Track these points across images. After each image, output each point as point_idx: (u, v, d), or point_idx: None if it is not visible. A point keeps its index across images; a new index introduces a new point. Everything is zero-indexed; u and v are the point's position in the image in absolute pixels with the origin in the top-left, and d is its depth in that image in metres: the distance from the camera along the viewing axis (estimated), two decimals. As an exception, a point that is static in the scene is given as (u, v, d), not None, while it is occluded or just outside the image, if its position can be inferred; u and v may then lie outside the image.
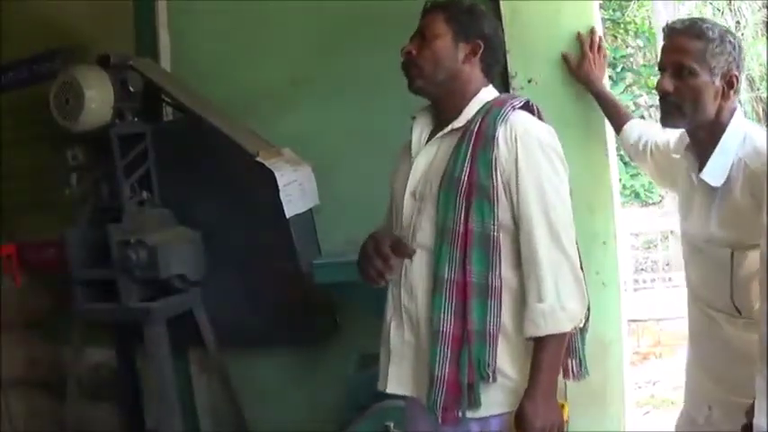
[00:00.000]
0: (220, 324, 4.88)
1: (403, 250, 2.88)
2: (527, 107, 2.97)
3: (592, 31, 3.95)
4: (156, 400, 4.83)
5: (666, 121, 3.14)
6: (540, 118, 2.98)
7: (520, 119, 2.86)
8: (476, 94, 2.96)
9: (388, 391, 3.03)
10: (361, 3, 4.63)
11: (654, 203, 11.71)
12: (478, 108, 2.91)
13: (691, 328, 3.36)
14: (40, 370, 5.92)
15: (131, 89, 4.79)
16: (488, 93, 2.99)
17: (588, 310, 2.94)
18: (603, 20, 4.23)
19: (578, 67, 3.94)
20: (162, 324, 4.65)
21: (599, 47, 3.95)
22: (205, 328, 4.88)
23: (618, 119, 3.86)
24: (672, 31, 3.10)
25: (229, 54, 5.06)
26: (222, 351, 4.97)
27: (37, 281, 5.68)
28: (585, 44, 3.92)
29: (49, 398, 5.89)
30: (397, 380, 2.99)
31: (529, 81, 4.05)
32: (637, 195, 11.33)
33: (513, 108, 2.88)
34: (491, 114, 2.85)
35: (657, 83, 3.11)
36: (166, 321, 4.69)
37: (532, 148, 2.79)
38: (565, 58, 3.98)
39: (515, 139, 2.79)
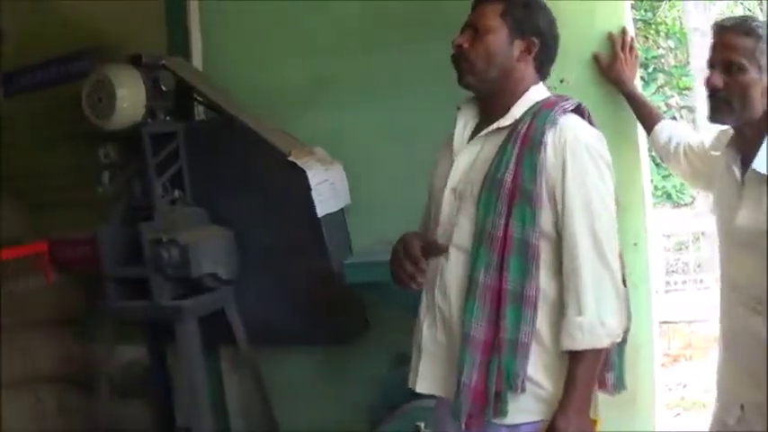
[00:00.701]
0: (252, 322, 4.89)
1: (435, 250, 2.85)
2: (578, 110, 2.87)
3: (623, 32, 3.90)
4: (186, 397, 4.86)
5: (715, 117, 3.12)
6: (590, 122, 2.88)
7: (570, 123, 2.77)
8: (525, 92, 2.86)
9: (418, 390, 2.98)
10: (392, 3, 4.63)
11: (685, 205, 11.61)
12: (527, 108, 2.82)
13: (726, 327, 3.32)
14: (71, 367, 5.94)
15: (163, 88, 4.82)
16: (538, 91, 2.89)
17: (629, 321, 2.89)
18: (635, 20, 4.20)
19: (610, 67, 3.90)
20: (194, 322, 4.66)
21: (630, 47, 3.91)
22: (237, 326, 4.89)
23: (649, 120, 3.82)
24: (721, 29, 3.07)
25: (260, 53, 5.08)
26: (254, 349, 4.99)
27: (69, 278, 5.71)
28: (617, 44, 3.88)
29: (81, 395, 5.92)
30: (428, 379, 2.94)
31: (561, 81, 4.01)
32: (668, 196, 11.25)
33: (564, 111, 2.78)
34: (540, 116, 2.76)
35: (706, 79, 3.08)
36: (198, 319, 4.71)
37: (581, 155, 2.71)
38: (596, 59, 3.94)
39: (564, 144, 2.70)
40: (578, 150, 2.70)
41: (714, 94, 3.06)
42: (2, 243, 5.60)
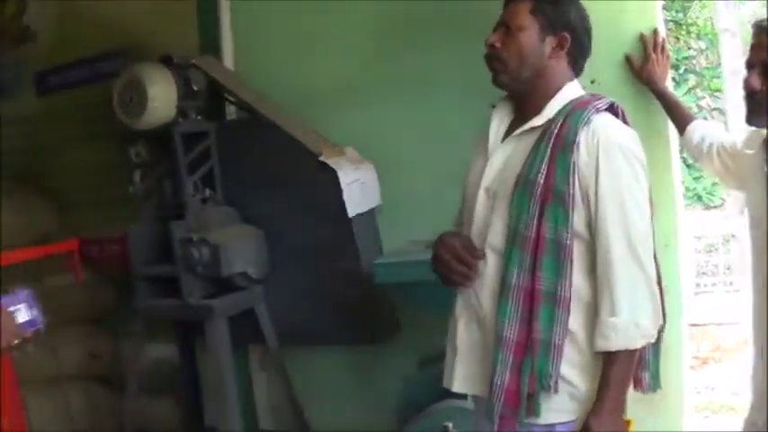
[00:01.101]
0: (281, 322, 4.90)
1: (473, 254, 2.85)
2: (612, 109, 2.83)
3: (655, 33, 3.89)
4: (215, 396, 4.86)
5: (752, 118, 3.10)
6: (624, 121, 2.85)
7: (603, 123, 2.73)
8: (559, 90, 2.84)
9: (454, 389, 2.98)
10: (422, 2, 4.62)
11: (715, 207, 11.53)
12: (560, 107, 2.79)
13: (759, 329, 3.30)
14: (100, 365, 5.97)
15: (194, 87, 4.83)
16: (572, 89, 2.86)
17: (664, 322, 2.87)
18: (666, 21, 4.18)
19: (641, 68, 3.89)
20: (223, 321, 4.67)
21: (662, 48, 3.90)
22: (266, 325, 4.90)
23: (681, 120, 3.81)
24: (760, 30, 3.05)
25: (291, 52, 5.08)
26: (282, 349, 5.00)
27: (99, 276, 5.73)
28: (649, 45, 3.86)
29: (109, 392, 5.94)
30: (463, 379, 2.94)
31: (592, 82, 4.00)
32: (699, 198, 11.18)
33: (597, 110, 2.75)
34: (573, 116, 2.73)
35: (744, 80, 3.06)
36: (227, 318, 4.71)
37: (614, 156, 2.68)
38: (628, 60, 3.93)
39: (597, 144, 2.67)
40: (611, 150, 2.68)
41: (752, 95, 3.04)
42: (33, 241, 5.64)
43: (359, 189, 4.61)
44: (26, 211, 5.69)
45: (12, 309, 2.59)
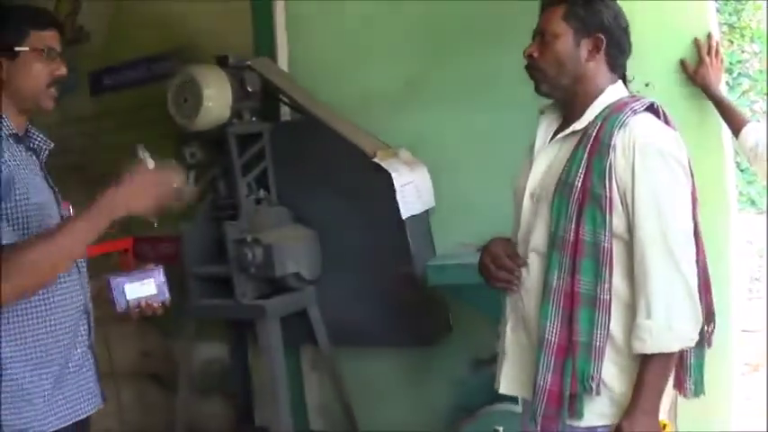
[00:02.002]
0: (333, 323, 4.92)
1: (515, 261, 2.87)
2: (652, 110, 2.80)
3: (709, 36, 3.86)
4: (267, 396, 4.89)
5: None
6: (666, 122, 2.81)
7: (640, 124, 2.71)
8: (600, 93, 2.82)
9: (502, 391, 2.98)
10: (475, 5, 4.61)
11: (770, 211, 11.42)
12: (600, 110, 2.77)
13: None
14: (152, 363, 6.02)
15: (249, 89, 4.85)
16: (613, 92, 2.83)
17: (712, 327, 2.87)
18: (719, 24, 4.14)
19: (695, 72, 3.86)
20: (276, 322, 4.70)
21: (716, 52, 3.87)
22: (318, 326, 4.92)
23: (735, 123, 3.78)
24: None
25: (346, 55, 5.10)
26: (334, 349, 5.01)
27: (152, 275, 5.77)
28: (703, 49, 3.83)
29: (160, 391, 5.99)
30: (511, 380, 2.94)
31: (646, 85, 3.98)
32: (752, 203, 11.04)
33: (635, 112, 2.72)
34: (610, 119, 2.71)
35: None
36: (280, 319, 4.74)
37: (651, 157, 2.65)
38: (682, 64, 3.90)
39: (633, 146, 2.65)
40: (648, 152, 2.65)
41: None
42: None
43: (412, 191, 4.61)
44: (82, 210, 5.73)
45: (138, 283, 2.84)
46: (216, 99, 4.74)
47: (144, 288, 2.84)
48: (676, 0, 3.80)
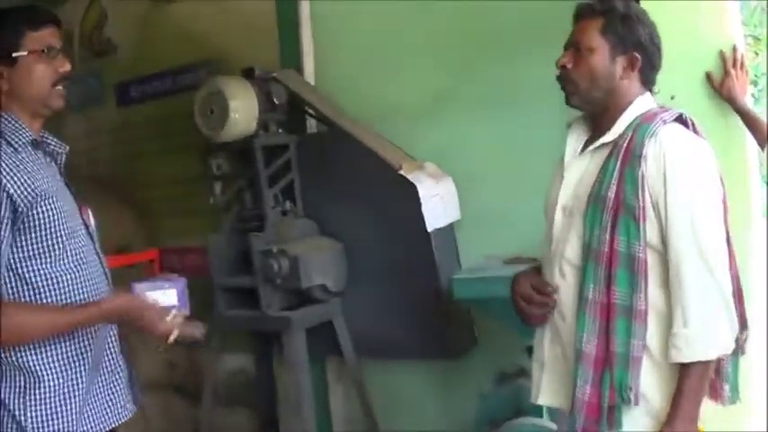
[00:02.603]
0: (359, 335, 4.92)
1: (546, 292, 2.89)
2: (681, 120, 2.80)
3: (734, 49, 3.85)
4: (292, 408, 4.87)
5: None
6: (695, 131, 2.80)
7: (670, 134, 2.71)
8: (630, 105, 2.82)
9: (540, 402, 3.00)
10: (503, 17, 4.62)
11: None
12: (630, 121, 2.78)
13: None
14: (177, 373, 6.03)
15: (275, 101, 4.88)
16: (643, 103, 2.84)
17: (747, 333, 2.85)
18: (745, 36, 4.12)
19: (721, 84, 3.85)
20: (301, 333, 4.70)
21: (741, 64, 3.86)
22: (344, 338, 4.92)
23: (761, 135, 3.76)
24: None
25: (372, 67, 5.11)
26: (360, 361, 5.01)
27: (177, 286, 5.79)
28: (728, 62, 3.82)
29: (185, 401, 6.00)
30: (549, 393, 2.95)
31: (672, 98, 3.97)
32: (779, 214, 11.01)
33: (664, 122, 2.73)
34: (640, 130, 2.72)
35: None
36: (305, 330, 4.74)
37: (682, 166, 2.66)
38: (708, 77, 3.89)
39: (664, 156, 2.66)
40: (679, 161, 2.66)
41: None
42: (114, 250, 5.71)
43: (438, 203, 4.61)
44: (108, 221, 5.74)
45: (160, 291, 2.80)
46: (242, 111, 4.75)
47: (165, 297, 2.81)
48: (701, 13, 3.79)
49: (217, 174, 5.05)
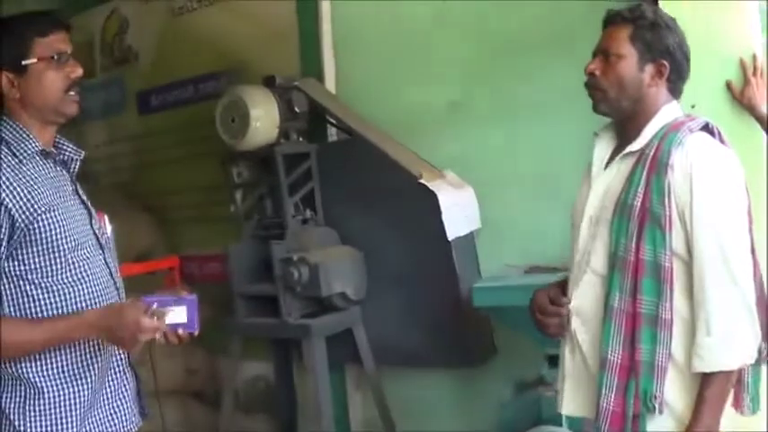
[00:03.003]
0: (378, 342, 4.92)
1: (560, 304, 2.91)
2: (707, 129, 2.80)
3: (754, 58, 3.84)
4: (311, 415, 4.89)
5: None
6: (721, 140, 2.80)
7: (697, 143, 2.71)
8: (657, 113, 2.82)
9: (564, 412, 2.99)
10: (524, 25, 4.63)
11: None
12: (657, 130, 2.78)
13: None
14: (196, 380, 6.05)
15: (296, 109, 4.90)
16: (669, 111, 2.83)
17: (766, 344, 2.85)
18: (765, 44, 4.11)
19: (741, 93, 3.85)
20: (321, 341, 4.71)
21: (761, 73, 3.85)
22: (363, 346, 4.92)
23: None
24: None
25: (392, 77, 5.12)
26: (379, 369, 5.02)
27: (198, 292, 5.79)
28: (748, 70, 3.81)
29: (203, 407, 6.02)
30: (573, 401, 2.94)
31: (692, 107, 3.98)
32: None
33: (691, 131, 2.72)
34: (667, 138, 2.72)
35: None
36: (325, 338, 4.75)
37: (708, 175, 2.65)
38: (728, 86, 3.89)
39: (690, 164, 2.65)
40: (705, 170, 2.66)
41: None
42: (134, 257, 5.74)
43: (458, 212, 4.61)
44: (129, 228, 5.77)
45: (170, 307, 2.68)
46: (263, 119, 4.79)
47: (173, 315, 2.69)
48: (721, 22, 3.79)
49: (238, 182, 5.08)
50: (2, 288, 2.59)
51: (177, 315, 2.69)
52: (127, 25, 6.64)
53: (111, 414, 2.78)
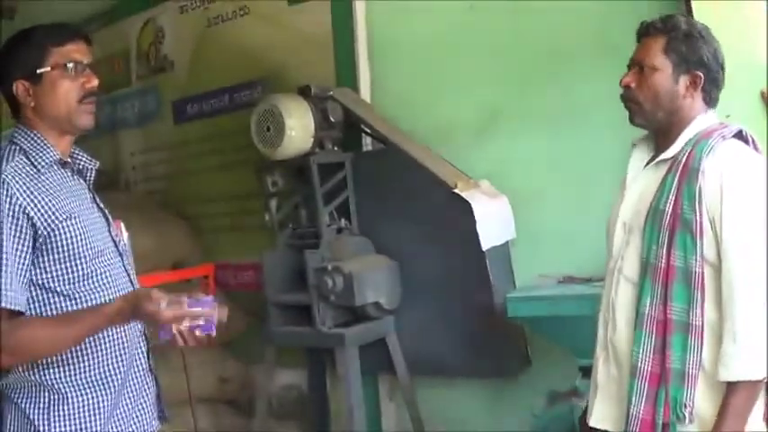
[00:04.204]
0: (412, 352, 4.92)
1: None
2: (740, 136, 2.79)
3: (786, 66, 3.84)
4: (343, 424, 4.88)
5: None
6: (755, 148, 2.81)
7: (728, 150, 2.71)
8: (692, 122, 2.81)
9: (592, 424, 2.97)
10: (561, 32, 4.62)
11: None
12: (689, 138, 2.78)
13: None
14: (229, 388, 6.06)
15: (331, 119, 4.91)
16: (703, 120, 2.82)
17: None
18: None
19: None
20: (354, 350, 4.72)
21: None
22: (397, 355, 4.91)
23: None
24: None
25: (427, 86, 5.12)
26: (412, 379, 5.00)
27: (232, 301, 5.81)
28: (782, 79, 3.82)
29: (236, 415, 6.03)
30: (602, 414, 2.93)
31: (727, 116, 3.96)
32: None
33: (723, 138, 2.72)
34: (699, 145, 2.72)
35: None
36: (358, 347, 4.76)
37: (739, 182, 2.65)
38: (762, 95, 3.87)
39: (721, 171, 2.65)
40: (735, 177, 2.65)
41: None
42: (169, 265, 5.77)
43: (493, 222, 4.60)
44: (164, 236, 5.81)
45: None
46: (298, 128, 4.79)
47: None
48: (753, 31, 3.78)
49: (272, 191, 5.09)
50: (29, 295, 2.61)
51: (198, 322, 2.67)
52: (162, 34, 6.67)
53: (133, 417, 2.81)
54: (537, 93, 4.72)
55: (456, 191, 4.57)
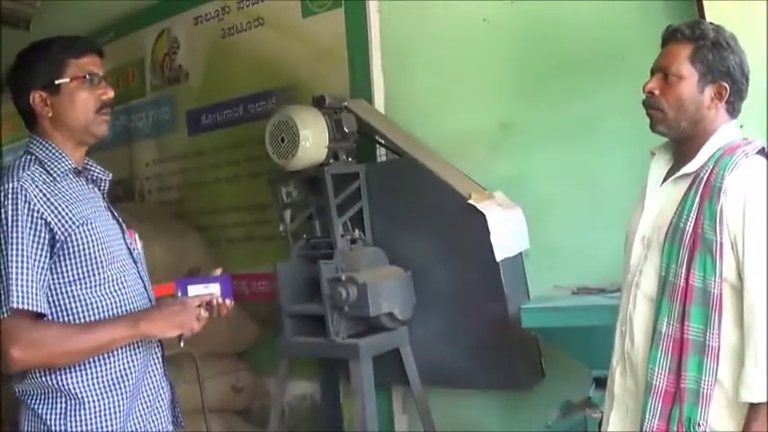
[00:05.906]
0: (425, 363, 4.90)
1: None
2: (763, 153, 2.75)
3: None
4: (357, 434, 4.88)
5: None
6: None
7: (752, 168, 2.67)
8: (714, 134, 2.77)
9: None
10: (575, 44, 4.62)
11: None
12: (712, 152, 2.74)
13: None
14: (242, 398, 6.07)
15: (346, 130, 4.91)
16: (726, 133, 2.78)
17: None
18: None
19: None
20: (368, 361, 4.69)
21: None
22: (410, 366, 4.90)
23: None
24: None
25: (442, 96, 5.14)
26: (425, 390, 4.98)
27: (246, 311, 5.82)
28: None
29: (249, 425, 6.03)
30: (617, 426, 2.92)
31: (741, 126, 3.95)
32: None
33: (746, 155, 2.68)
34: (722, 162, 2.68)
35: None
36: (372, 358, 4.74)
37: (762, 202, 2.60)
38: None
39: (744, 191, 2.61)
40: (758, 196, 2.61)
41: None
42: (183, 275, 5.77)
43: (507, 233, 4.59)
44: (178, 246, 5.82)
45: (202, 285, 2.88)
46: (313, 139, 4.79)
47: (206, 290, 2.87)
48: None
49: (286, 201, 5.10)
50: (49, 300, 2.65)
51: (210, 290, 2.88)
52: (177, 45, 6.70)
53: (148, 421, 2.85)
54: (550, 105, 4.73)
55: (470, 201, 4.56)
